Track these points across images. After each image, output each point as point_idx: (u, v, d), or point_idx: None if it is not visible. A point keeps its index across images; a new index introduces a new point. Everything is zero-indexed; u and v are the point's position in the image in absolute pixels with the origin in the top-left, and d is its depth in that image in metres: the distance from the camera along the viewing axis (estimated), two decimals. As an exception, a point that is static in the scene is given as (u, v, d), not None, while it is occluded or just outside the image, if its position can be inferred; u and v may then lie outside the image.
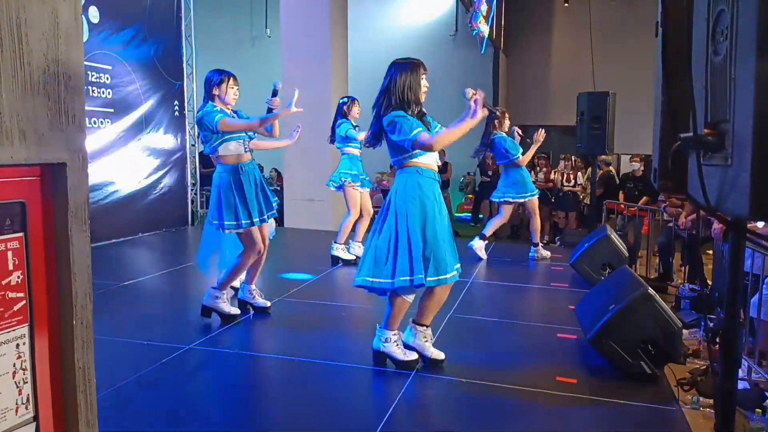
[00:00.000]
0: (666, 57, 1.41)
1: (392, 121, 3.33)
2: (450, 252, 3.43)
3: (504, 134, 6.67)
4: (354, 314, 4.82)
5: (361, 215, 6.29)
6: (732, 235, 1.37)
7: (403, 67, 3.42)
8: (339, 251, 6.41)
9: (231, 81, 4.26)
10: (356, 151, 6.14)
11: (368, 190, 6.34)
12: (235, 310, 4.44)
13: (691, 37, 1.33)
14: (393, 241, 3.36)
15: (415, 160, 3.41)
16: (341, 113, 6.11)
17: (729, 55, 1.18)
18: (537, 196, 6.88)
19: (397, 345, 3.58)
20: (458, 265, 3.51)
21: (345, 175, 6.12)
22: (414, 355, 3.59)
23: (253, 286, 4.67)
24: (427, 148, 3.30)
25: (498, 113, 6.03)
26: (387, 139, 3.44)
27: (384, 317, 3.56)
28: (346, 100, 6.19)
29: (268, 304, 4.66)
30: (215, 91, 4.23)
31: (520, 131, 7.07)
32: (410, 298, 3.51)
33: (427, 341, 3.64)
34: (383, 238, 3.40)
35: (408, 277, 3.30)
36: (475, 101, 3.19)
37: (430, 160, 3.46)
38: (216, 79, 4.23)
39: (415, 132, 3.26)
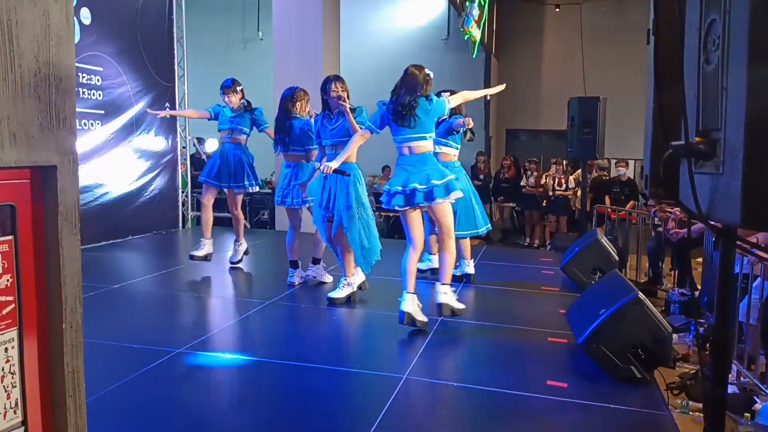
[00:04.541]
0: (657, 65, 1.42)
1: None
2: None
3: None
4: (345, 318, 4.81)
5: None
6: (722, 243, 1.38)
7: None
8: None
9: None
10: None
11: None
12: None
13: (682, 45, 1.34)
14: None
15: None
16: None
17: (721, 64, 1.19)
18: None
19: None
20: None
21: None
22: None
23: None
24: None
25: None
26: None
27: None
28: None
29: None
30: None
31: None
32: None
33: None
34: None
35: None
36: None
37: None
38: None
39: None
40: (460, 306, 4.46)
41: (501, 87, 5.00)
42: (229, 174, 5.92)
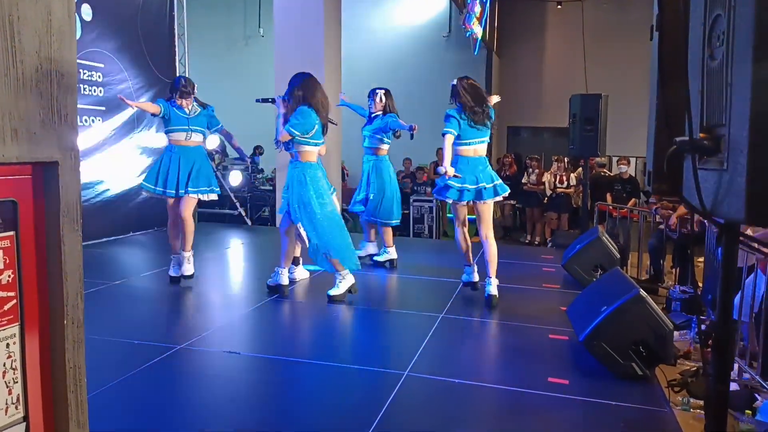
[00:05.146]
0: (661, 61, 1.42)
1: None
2: None
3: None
4: (345, 314, 4.81)
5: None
6: (725, 240, 1.38)
7: None
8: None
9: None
10: None
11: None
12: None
13: (686, 41, 1.33)
14: None
15: None
16: None
17: (725, 60, 1.18)
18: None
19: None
20: None
21: None
22: None
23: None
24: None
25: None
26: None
27: None
28: None
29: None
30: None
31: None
32: None
33: None
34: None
35: None
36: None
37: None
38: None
39: None
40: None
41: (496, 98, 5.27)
42: (187, 177, 5.40)
